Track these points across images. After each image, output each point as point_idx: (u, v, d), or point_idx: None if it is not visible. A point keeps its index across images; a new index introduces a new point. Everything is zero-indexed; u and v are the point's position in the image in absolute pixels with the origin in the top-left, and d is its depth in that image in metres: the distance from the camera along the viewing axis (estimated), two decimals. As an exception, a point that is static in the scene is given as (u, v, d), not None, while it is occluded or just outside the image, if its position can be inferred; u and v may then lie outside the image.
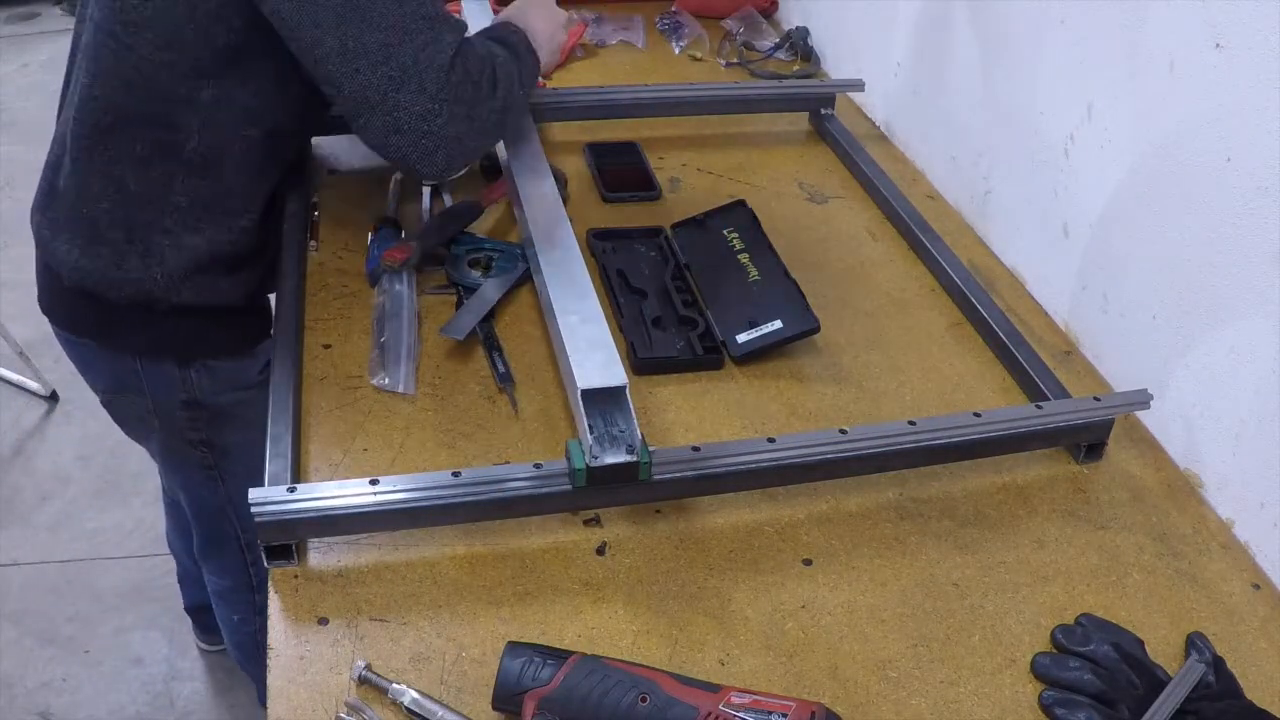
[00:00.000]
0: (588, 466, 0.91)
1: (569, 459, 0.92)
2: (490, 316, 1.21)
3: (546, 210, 1.19)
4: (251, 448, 1.30)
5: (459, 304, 1.22)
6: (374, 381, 1.11)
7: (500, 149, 1.37)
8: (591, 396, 0.94)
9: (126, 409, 1.34)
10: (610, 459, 0.91)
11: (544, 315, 1.17)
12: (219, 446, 1.35)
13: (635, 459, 0.91)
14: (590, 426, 0.93)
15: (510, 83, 1.16)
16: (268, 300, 1.31)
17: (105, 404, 1.36)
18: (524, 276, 1.27)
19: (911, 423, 1.02)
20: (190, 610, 2.00)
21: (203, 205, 1.16)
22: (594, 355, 0.97)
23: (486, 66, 1.12)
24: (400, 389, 1.10)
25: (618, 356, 0.97)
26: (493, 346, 1.16)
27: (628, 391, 0.95)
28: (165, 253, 1.17)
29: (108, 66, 1.10)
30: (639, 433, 0.93)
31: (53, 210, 1.20)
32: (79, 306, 1.23)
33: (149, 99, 1.10)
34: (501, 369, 1.13)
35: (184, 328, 1.23)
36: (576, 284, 1.08)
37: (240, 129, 1.14)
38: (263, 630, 0.83)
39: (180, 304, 1.20)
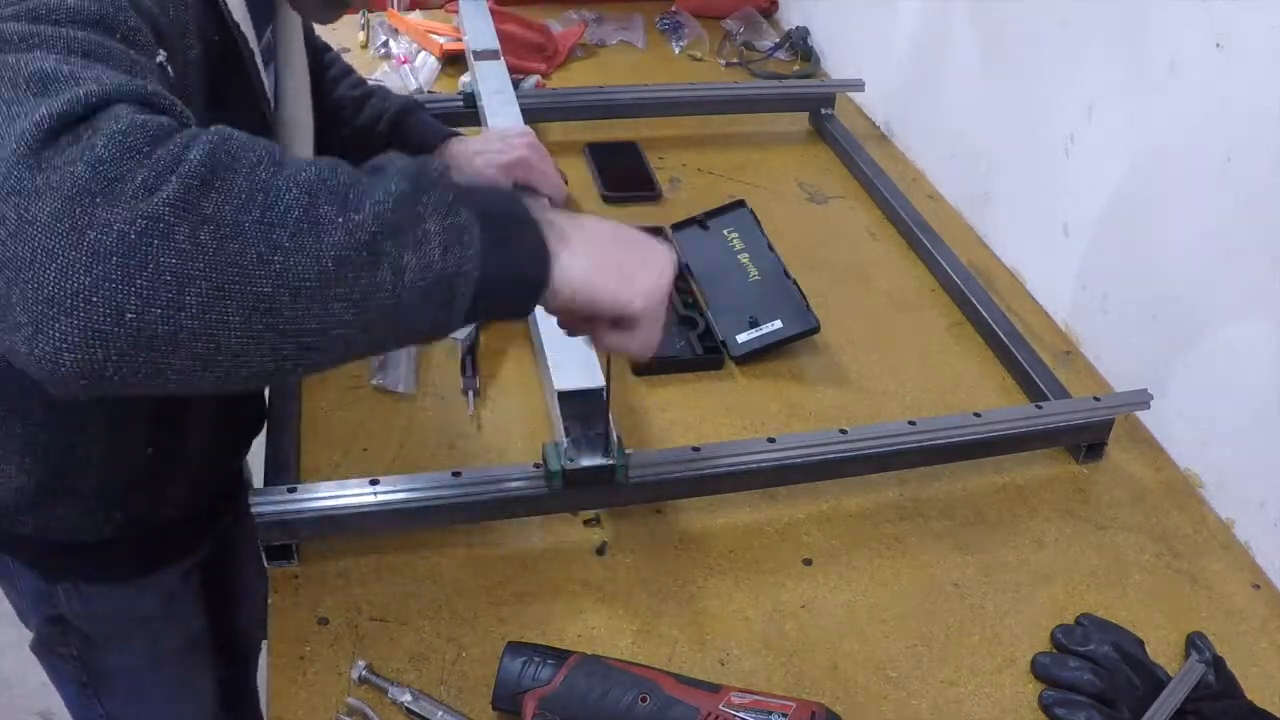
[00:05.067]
0: (563, 469, 0.90)
1: (545, 462, 0.91)
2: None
3: None
4: (142, 676, 1.07)
5: None
6: (374, 381, 1.11)
7: None
8: (568, 398, 0.94)
9: (6, 596, 1.06)
10: (586, 462, 0.90)
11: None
12: (96, 669, 1.07)
13: (611, 462, 0.90)
14: (566, 429, 0.92)
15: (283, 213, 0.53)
16: (189, 520, 1.00)
17: None
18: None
19: (911, 423, 1.02)
20: None
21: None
22: (573, 357, 0.96)
23: (191, 151, 0.52)
24: (400, 389, 1.10)
25: (597, 359, 0.96)
26: (470, 349, 1.15)
27: (605, 394, 0.95)
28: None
29: None
30: (615, 435, 0.92)
31: None
32: None
33: None
34: (469, 372, 1.12)
35: (39, 546, 0.95)
36: None
37: None
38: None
39: (23, 535, 0.93)
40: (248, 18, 0.78)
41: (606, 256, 0.68)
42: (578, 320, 0.73)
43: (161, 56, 0.62)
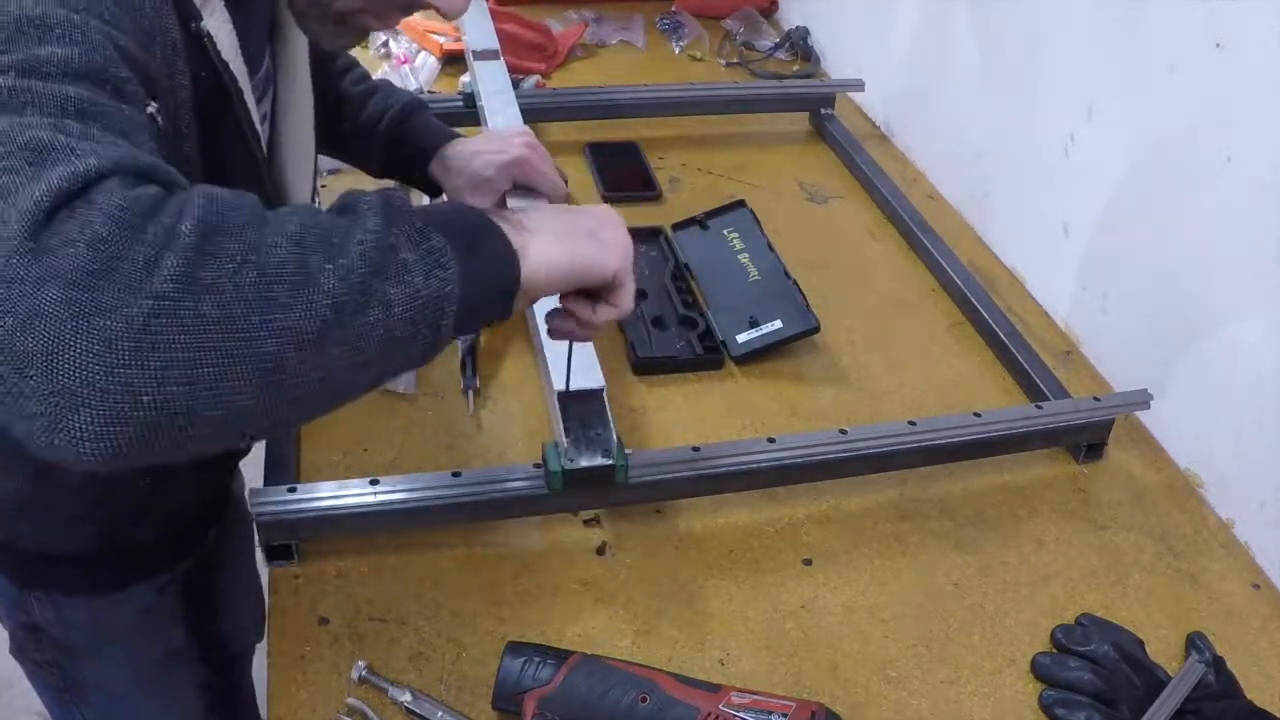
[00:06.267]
0: (563, 469, 0.89)
1: (545, 462, 0.91)
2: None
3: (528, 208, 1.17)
4: (121, 685, 1.06)
5: None
6: (374, 381, 1.10)
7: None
8: (568, 399, 0.94)
9: None
10: (586, 462, 0.90)
11: (527, 316, 1.16)
12: (73, 677, 1.06)
13: (611, 462, 0.90)
14: (566, 429, 0.92)
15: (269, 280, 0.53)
16: (169, 537, 0.99)
17: None
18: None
19: (911, 423, 1.02)
20: None
21: None
22: (573, 357, 0.96)
23: (175, 228, 0.51)
24: (400, 389, 1.10)
25: (596, 360, 0.96)
26: (470, 349, 1.15)
27: (605, 394, 0.94)
28: None
29: None
30: (616, 435, 0.92)
31: None
32: None
33: None
34: (469, 372, 1.12)
35: (10, 553, 0.95)
36: None
37: None
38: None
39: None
40: (238, 52, 0.76)
41: (570, 229, 0.71)
42: (562, 315, 0.76)
43: (152, 107, 0.61)
